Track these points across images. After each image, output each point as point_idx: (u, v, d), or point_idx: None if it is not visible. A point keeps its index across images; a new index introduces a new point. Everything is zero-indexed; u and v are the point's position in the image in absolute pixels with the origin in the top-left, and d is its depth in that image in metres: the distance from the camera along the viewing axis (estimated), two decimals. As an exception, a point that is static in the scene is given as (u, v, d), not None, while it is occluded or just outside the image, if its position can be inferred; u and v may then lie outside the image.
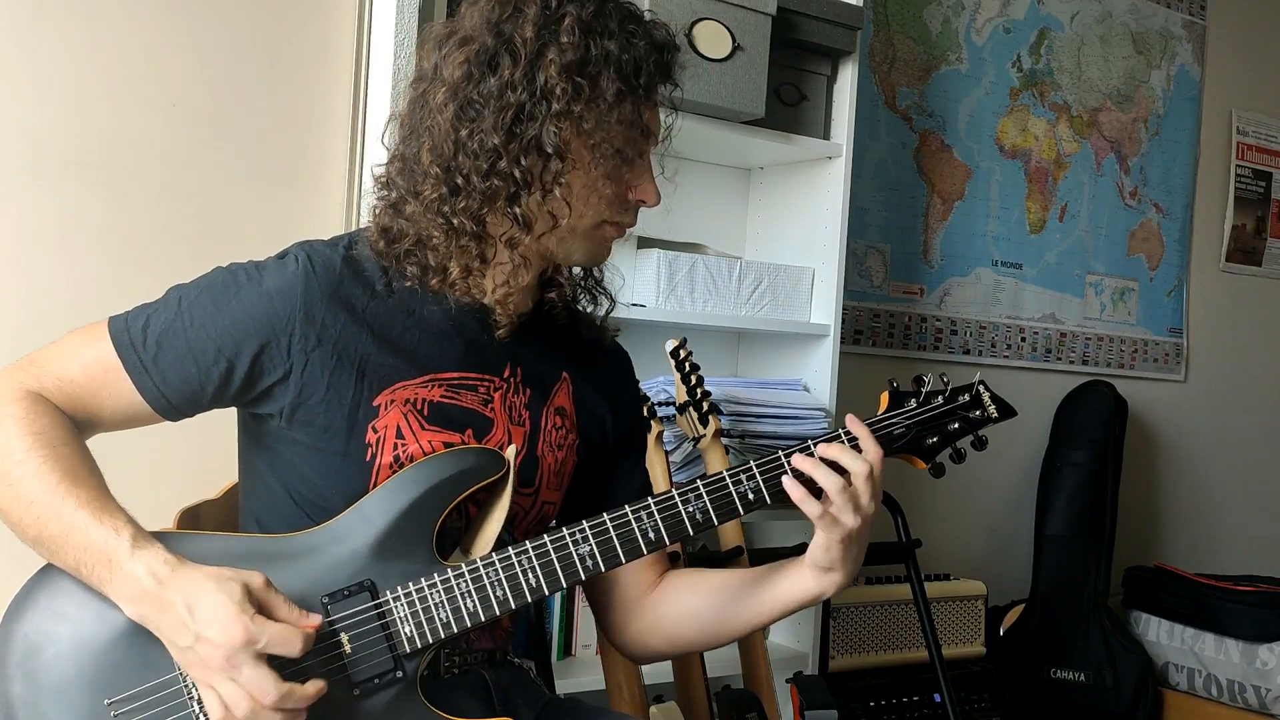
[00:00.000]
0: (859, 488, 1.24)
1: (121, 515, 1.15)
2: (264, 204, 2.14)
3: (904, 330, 3.11)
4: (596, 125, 1.23)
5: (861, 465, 1.24)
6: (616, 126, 1.24)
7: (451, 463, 1.24)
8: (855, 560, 1.29)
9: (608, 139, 1.24)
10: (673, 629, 1.41)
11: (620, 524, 1.25)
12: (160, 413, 1.24)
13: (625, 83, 1.23)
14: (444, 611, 1.20)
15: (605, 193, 1.27)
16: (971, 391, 1.37)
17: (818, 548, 1.27)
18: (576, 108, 1.22)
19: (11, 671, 1.16)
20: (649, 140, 1.30)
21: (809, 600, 1.33)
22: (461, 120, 1.23)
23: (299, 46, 2.18)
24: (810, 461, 1.26)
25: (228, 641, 1.08)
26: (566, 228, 1.26)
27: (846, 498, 1.23)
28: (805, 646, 2.54)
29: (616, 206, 1.29)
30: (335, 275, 1.25)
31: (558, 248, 1.29)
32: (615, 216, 1.30)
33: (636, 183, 1.30)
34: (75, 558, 1.13)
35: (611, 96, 1.22)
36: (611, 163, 1.26)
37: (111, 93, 2.02)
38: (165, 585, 1.11)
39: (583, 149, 1.24)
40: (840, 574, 1.29)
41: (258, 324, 1.22)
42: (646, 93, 1.26)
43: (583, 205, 1.26)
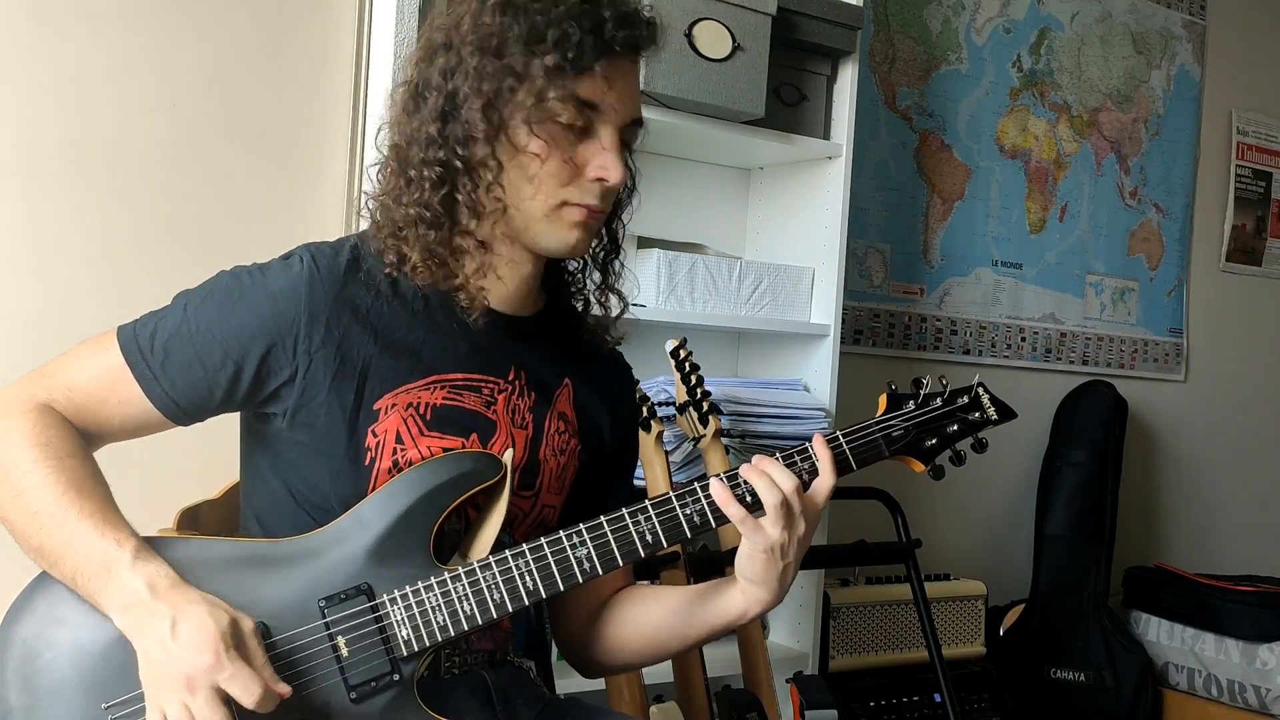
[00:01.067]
0: (790, 501, 1.23)
1: (125, 528, 1.15)
2: (264, 204, 2.15)
3: (904, 330, 3.11)
4: (528, 104, 1.20)
5: (791, 481, 1.23)
6: (553, 103, 1.20)
7: (449, 467, 1.24)
8: (780, 580, 1.26)
9: (540, 117, 1.21)
10: (617, 640, 1.41)
11: (618, 527, 1.25)
12: (170, 418, 1.25)
13: (553, 56, 1.20)
14: (441, 614, 1.20)
15: (554, 172, 1.23)
16: (970, 393, 1.36)
17: (741, 558, 1.26)
18: (502, 88, 1.21)
19: (9, 676, 1.16)
20: (598, 114, 1.23)
21: (734, 618, 1.31)
22: (410, 113, 1.26)
23: (299, 46, 2.18)
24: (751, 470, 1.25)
25: (195, 662, 1.08)
26: (521, 213, 1.25)
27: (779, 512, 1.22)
28: (805, 646, 2.54)
29: (574, 187, 1.24)
30: (339, 276, 1.25)
31: (524, 235, 1.27)
32: (574, 197, 1.24)
33: (591, 159, 1.24)
34: (73, 567, 1.14)
35: (538, 73, 1.20)
36: (557, 141, 1.22)
37: (111, 93, 2.02)
38: (159, 597, 1.11)
39: (519, 130, 1.22)
40: (764, 590, 1.27)
41: (263, 326, 1.22)
42: (577, 65, 1.20)
43: (532, 187, 1.24)
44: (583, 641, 1.44)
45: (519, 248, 1.29)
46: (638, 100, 1.28)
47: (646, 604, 1.40)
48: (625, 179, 1.27)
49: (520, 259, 1.30)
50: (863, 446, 1.32)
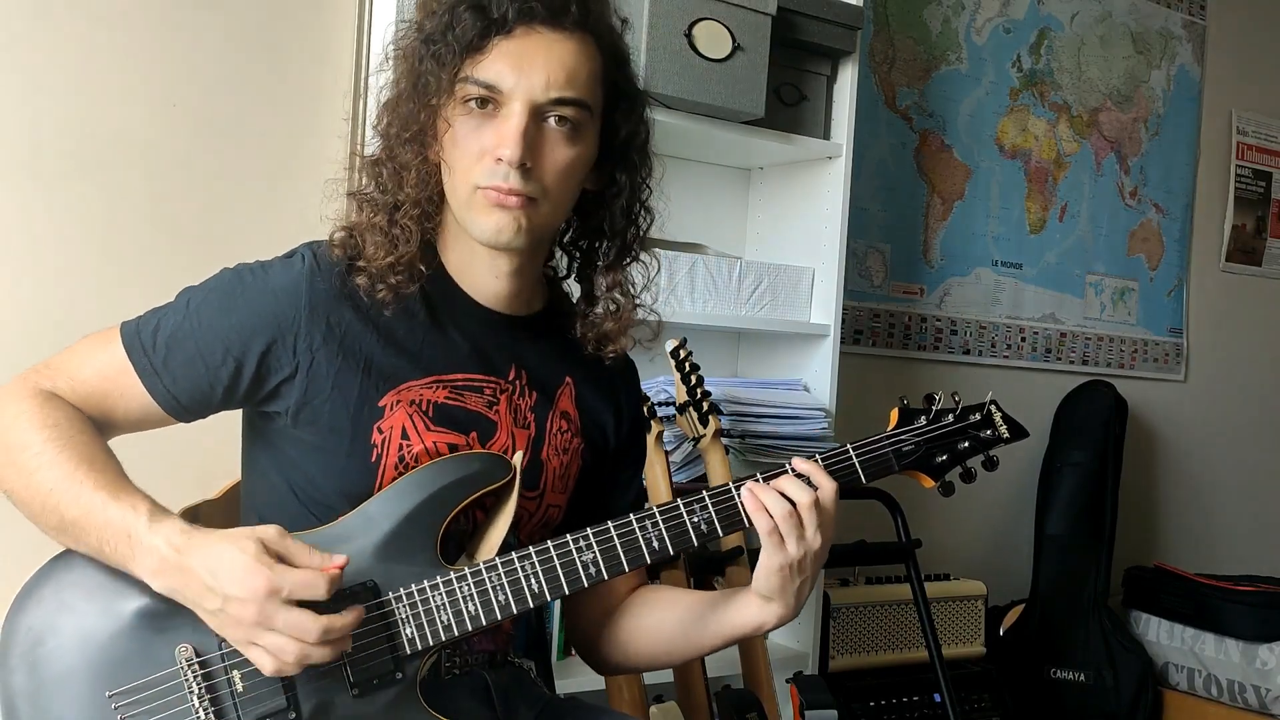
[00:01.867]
0: (804, 516, 1.23)
1: (138, 493, 1.16)
2: (264, 204, 2.15)
3: (904, 330, 3.11)
4: (433, 90, 1.23)
5: (806, 495, 1.23)
6: (459, 86, 1.22)
7: (458, 467, 1.24)
8: (797, 595, 1.26)
9: (452, 103, 1.23)
10: (636, 644, 1.41)
11: (624, 532, 1.25)
12: (172, 414, 1.25)
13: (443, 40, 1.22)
14: (445, 614, 1.20)
15: (464, 156, 1.23)
16: (983, 411, 1.36)
17: (760, 573, 1.26)
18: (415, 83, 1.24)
19: (14, 663, 1.16)
20: (500, 93, 1.21)
21: (749, 630, 1.31)
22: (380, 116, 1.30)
23: (299, 47, 2.18)
24: (761, 486, 1.25)
25: (254, 595, 1.08)
26: (454, 204, 1.27)
27: (792, 524, 1.22)
28: (805, 646, 2.54)
29: (482, 170, 1.22)
30: (341, 274, 1.26)
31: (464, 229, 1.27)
32: (483, 180, 1.22)
33: (492, 139, 1.22)
34: (97, 538, 1.14)
35: (431, 58, 1.23)
36: (467, 126, 1.23)
37: (111, 93, 2.02)
38: (184, 553, 1.11)
39: (439, 121, 1.25)
40: (780, 606, 1.27)
41: (264, 323, 1.23)
42: (468, 46, 1.21)
43: (452, 176, 1.25)
44: (596, 642, 1.44)
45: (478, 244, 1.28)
46: (561, 77, 1.22)
47: (660, 610, 1.40)
48: (537, 160, 1.22)
49: (491, 256, 1.29)
50: (873, 460, 1.31)
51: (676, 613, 1.38)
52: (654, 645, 1.40)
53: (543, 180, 1.24)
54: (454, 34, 1.22)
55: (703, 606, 1.36)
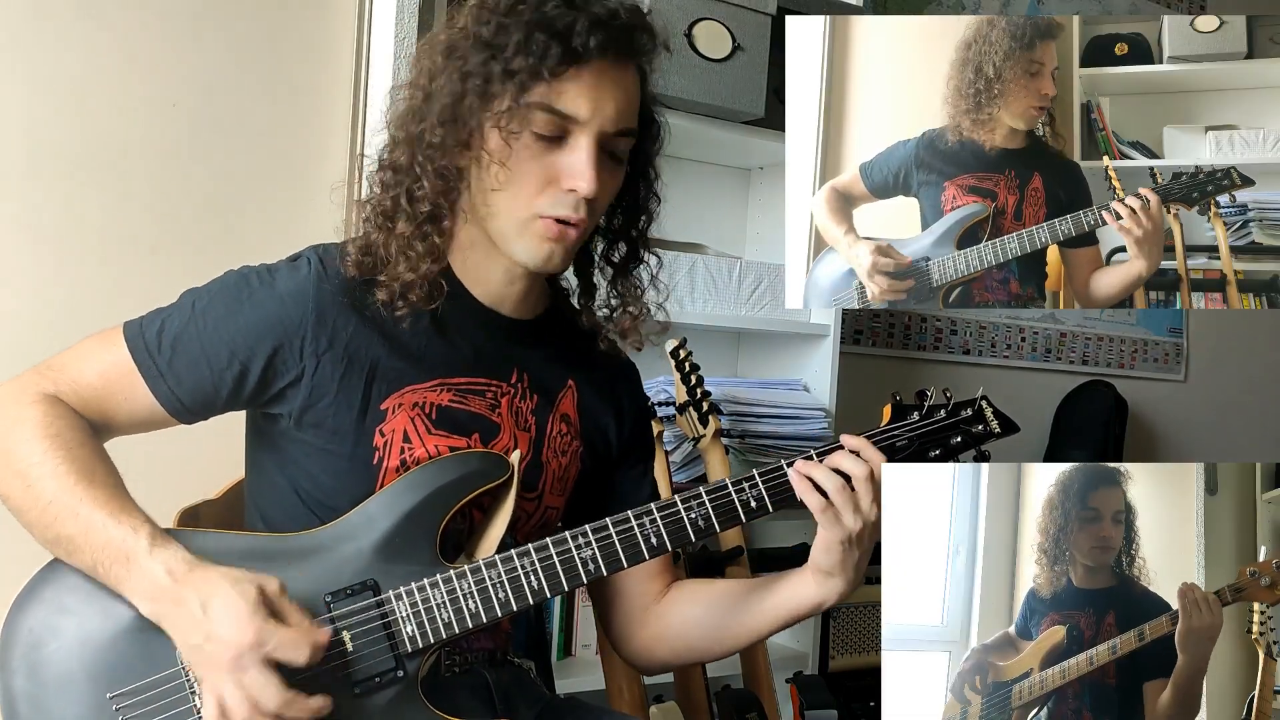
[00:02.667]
0: (859, 489, 1.25)
1: (139, 515, 1.15)
2: (264, 204, 2.15)
3: (904, 330, 3.11)
4: (501, 112, 1.19)
5: (861, 468, 1.25)
6: (526, 111, 1.19)
7: (457, 466, 1.24)
8: (857, 568, 1.28)
9: (518, 125, 1.20)
10: (677, 639, 1.41)
11: (622, 528, 1.25)
12: (175, 416, 1.25)
13: (521, 63, 1.18)
14: (446, 611, 1.20)
15: (525, 183, 1.21)
16: (974, 406, 1.37)
17: (819, 549, 1.27)
18: (473, 95, 1.20)
19: (15, 665, 1.16)
20: (574, 123, 1.20)
21: (810, 607, 1.32)
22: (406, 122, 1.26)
23: (299, 47, 2.18)
24: (811, 464, 1.26)
25: (237, 641, 1.08)
26: (495, 223, 1.24)
27: (846, 497, 1.24)
28: (805, 646, 2.54)
29: (546, 198, 1.22)
30: (346, 278, 1.26)
31: (501, 246, 1.26)
32: (545, 209, 1.22)
33: (565, 170, 1.21)
34: (92, 557, 1.14)
35: (504, 80, 1.19)
36: (530, 150, 1.20)
37: (111, 93, 2.02)
38: (181, 583, 1.11)
39: (492, 138, 1.21)
40: (841, 580, 1.28)
41: (270, 327, 1.23)
42: (547, 74, 1.18)
43: (503, 197, 1.22)
44: (637, 640, 1.44)
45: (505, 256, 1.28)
46: (625, 109, 1.23)
47: (704, 600, 1.40)
48: (600, 192, 1.22)
49: (508, 265, 1.29)
50: None
51: (723, 600, 1.38)
52: (703, 634, 1.40)
53: (596, 208, 1.25)
54: (531, 57, 1.18)
55: (749, 591, 1.36)
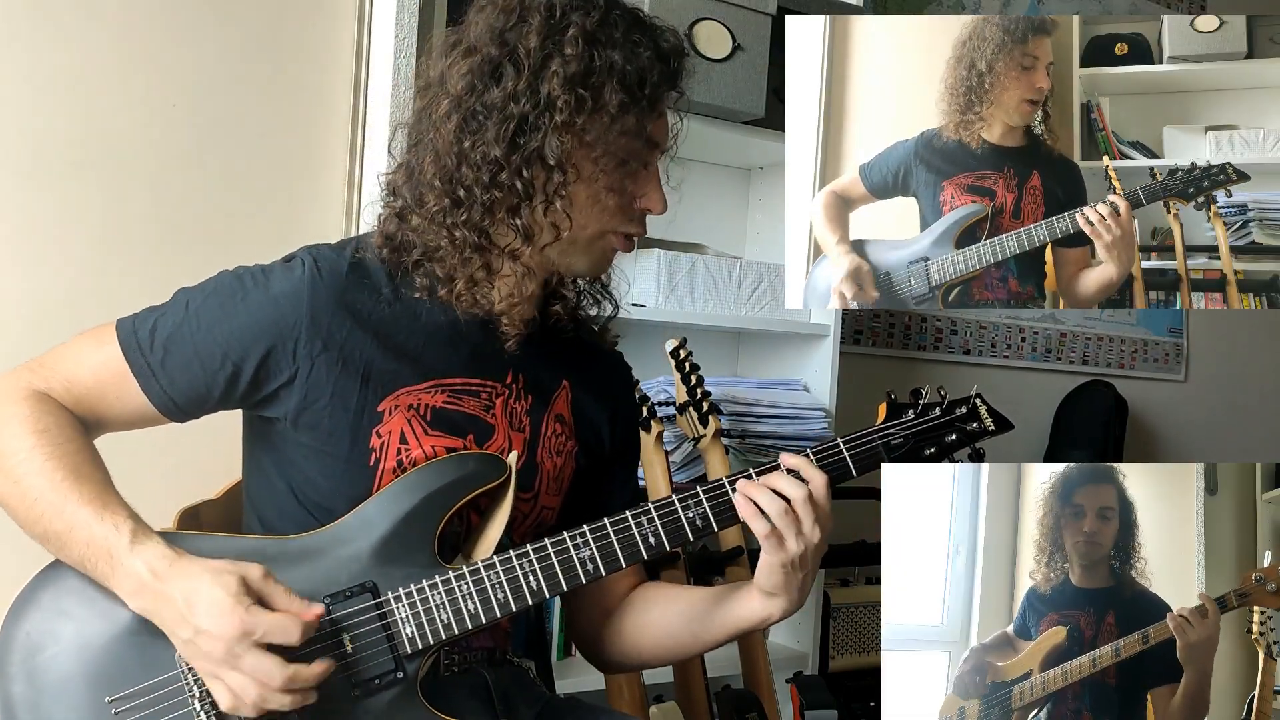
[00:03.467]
0: (799, 512, 1.24)
1: (123, 511, 1.15)
2: (264, 204, 2.15)
3: (904, 330, 3.11)
4: (600, 136, 1.22)
5: (799, 490, 1.24)
6: (620, 137, 1.23)
7: (454, 468, 1.24)
8: (800, 588, 1.28)
9: (611, 150, 1.23)
10: (631, 643, 1.42)
11: (621, 529, 1.25)
12: (166, 415, 1.25)
13: (629, 94, 1.22)
14: (445, 612, 1.20)
15: (609, 203, 1.26)
16: (968, 404, 1.38)
17: (761, 571, 1.27)
18: (579, 119, 1.21)
19: (13, 670, 1.16)
20: (654, 150, 1.29)
21: (754, 624, 1.32)
22: (464, 132, 1.23)
23: (299, 47, 2.18)
24: (753, 485, 1.26)
25: (225, 633, 1.08)
26: (569, 238, 1.26)
27: (788, 521, 1.23)
28: (805, 646, 2.54)
29: (621, 216, 1.28)
30: (341, 280, 1.26)
31: (560, 258, 1.29)
32: (620, 226, 1.29)
33: (641, 191, 1.29)
34: (79, 554, 1.14)
35: (615, 108, 1.21)
36: (616, 173, 1.25)
37: (111, 93, 2.02)
38: (164, 579, 1.11)
39: (585, 160, 1.23)
40: (784, 599, 1.28)
41: (264, 328, 1.23)
42: (651, 104, 1.24)
43: (585, 216, 1.26)
44: (599, 639, 1.45)
45: (540, 266, 1.29)
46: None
47: (663, 606, 1.41)
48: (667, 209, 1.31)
49: (539, 275, 1.30)
50: (862, 453, 1.33)
51: (680, 608, 1.39)
52: (658, 641, 1.41)
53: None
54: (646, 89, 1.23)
55: (706, 602, 1.37)
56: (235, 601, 1.09)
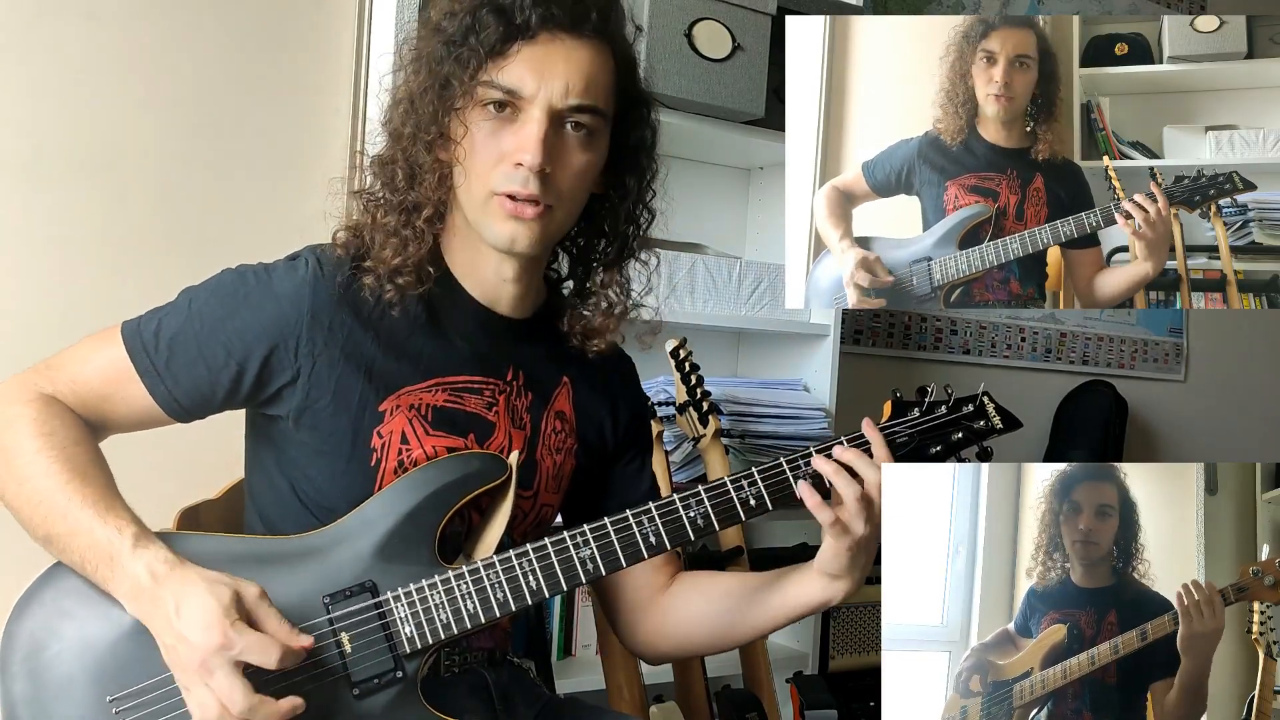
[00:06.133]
0: (873, 495, 1.24)
1: (126, 514, 1.16)
2: (263, 204, 2.15)
3: (904, 330, 3.11)
4: (457, 96, 1.22)
5: (875, 473, 1.24)
6: (477, 90, 1.21)
7: (455, 467, 1.24)
8: (863, 568, 1.28)
9: (470, 105, 1.22)
10: (682, 631, 1.41)
11: (621, 528, 1.25)
12: (172, 415, 1.26)
13: (467, 44, 1.21)
14: (444, 612, 1.20)
15: (481, 160, 1.23)
16: (975, 402, 1.36)
17: (827, 555, 1.27)
18: (433, 85, 1.23)
19: (15, 668, 1.16)
20: (521, 98, 1.22)
21: (816, 606, 1.32)
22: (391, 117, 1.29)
23: (299, 46, 2.18)
24: (831, 465, 1.25)
25: (204, 644, 1.08)
26: (467, 207, 1.26)
27: (860, 505, 1.23)
28: (805, 646, 2.54)
29: (499, 175, 1.22)
30: (344, 279, 1.26)
31: (476, 231, 1.27)
32: (499, 185, 1.22)
33: (513, 145, 1.22)
34: (80, 556, 1.14)
35: (453, 61, 1.22)
36: (486, 130, 1.22)
37: (111, 93, 2.02)
38: (160, 583, 1.11)
39: (455, 124, 1.23)
40: (848, 581, 1.29)
41: (267, 327, 1.23)
42: (492, 50, 1.21)
43: (468, 180, 1.24)
44: (642, 631, 1.44)
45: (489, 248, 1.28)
46: (580, 85, 1.23)
47: (708, 594, 1.40)
48: (555, 167, 1.22)
49: (499, 259, 1.29)
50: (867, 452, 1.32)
51: (729, 596, 1.39)
52: (707, 628, 1.40)
53: (559, 186, 1.24)
54: (477, 37, 1.21)
55: (754, 587, 1.36)
56: (222, 615, 1.09)
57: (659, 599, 1.42)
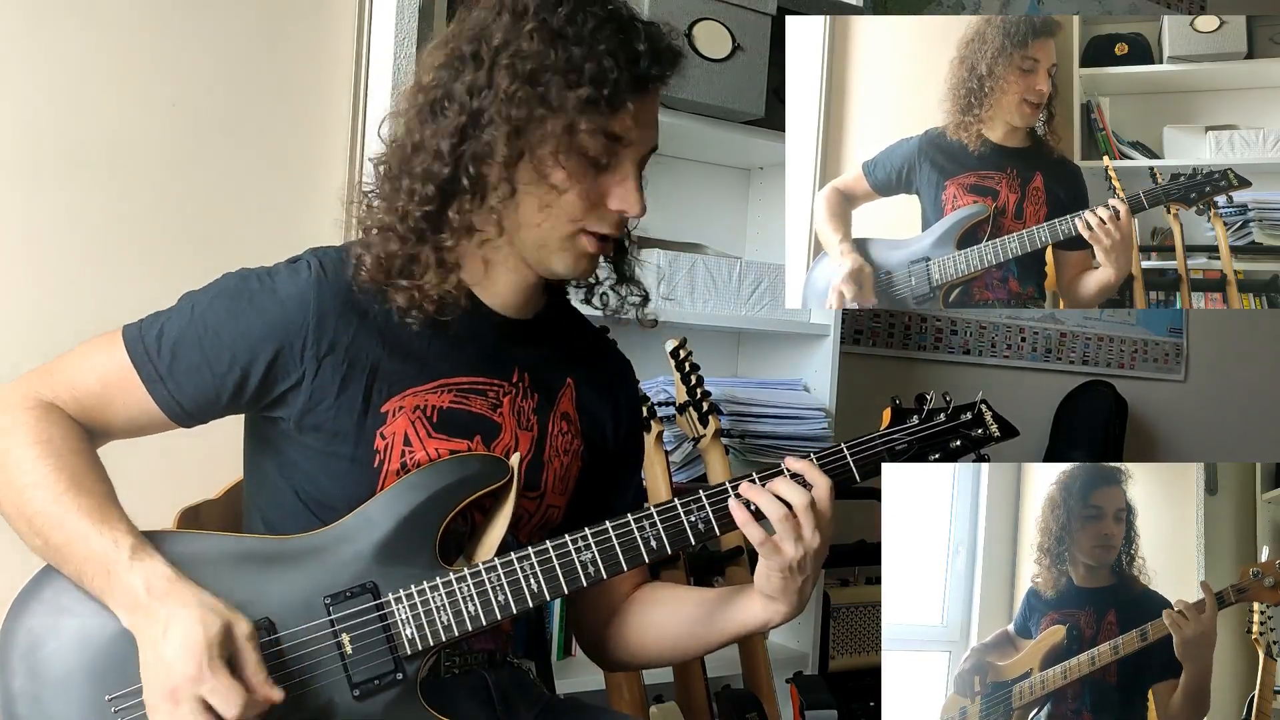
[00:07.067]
0: (800, 517, 1.23)
1: (123, 525, 1.15)
2: (264, 204, 2.14)
3: (904, 330, 3.11)
4: (556, 133, 1.19)
5: (802, 496, 1.23)
6: (583, 137, 1.20)
7: (456, 469, 1.24)
8: (800, 593, 1.27)
9: (570, 148, 1.20)
10: (635, 642, 1.42)
11: (622, 532, 1.25)
12: (175, 420, 1.25)
13: (589, 91, 1.18)
14: (445, 614, 1.20)
15: (572, 201, 1.22)
16: (974, 410, 1.37)
17: (760, 575, 1.27)
18: (533, 117, 1.19)
19: (14, 665, 1.16)
20: (623, 147, 1.23)
21: (756, 627, 1.32)
22: (424, 121, 1.23)
23: (299, 46, 2.18)
24: (756, 489, 1.25)
25: (179, 671, 1.08)
26: (530, 237, 1.24)
27: (788, 526, 1.23)
28: (805, 646, 2.54)
29: (592, 215, 1.24)
30: (347, 282, 1.25)
31: (531, 256, 1.26)
32: (592, 225, 1.24)
33: (611, 191, 1.24)
34: (77, 567, 1.14)
35: (570, 105, 1.18)
36: (578, 171, 1.21)
37: (111, 93, 2.02)
38: (156, 599, 1.11)
39: (545, 159, 1.20)
40: (784, 604, 1.28)
41: (271, 331, 1.22)
42: (612, 102, 1.19)
43: (544, 215, 1.23)
44: (602, 640, 1.45)
45: (522, 263, 1.28)
46: (657, 129, 1.27)
47: (665, 608, 1.41)
48: (644, 211, 1.26)
49: (523, 272, 1.29)
50: (867, 458, 1.32)
51: (682, 610, 1.39)
52: (660, 642, 1.41)
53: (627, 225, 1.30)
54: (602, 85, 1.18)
55: (708, 604, 1.37)
56: (205, 647, 1.09)
57: (621, 607, 1.43)
